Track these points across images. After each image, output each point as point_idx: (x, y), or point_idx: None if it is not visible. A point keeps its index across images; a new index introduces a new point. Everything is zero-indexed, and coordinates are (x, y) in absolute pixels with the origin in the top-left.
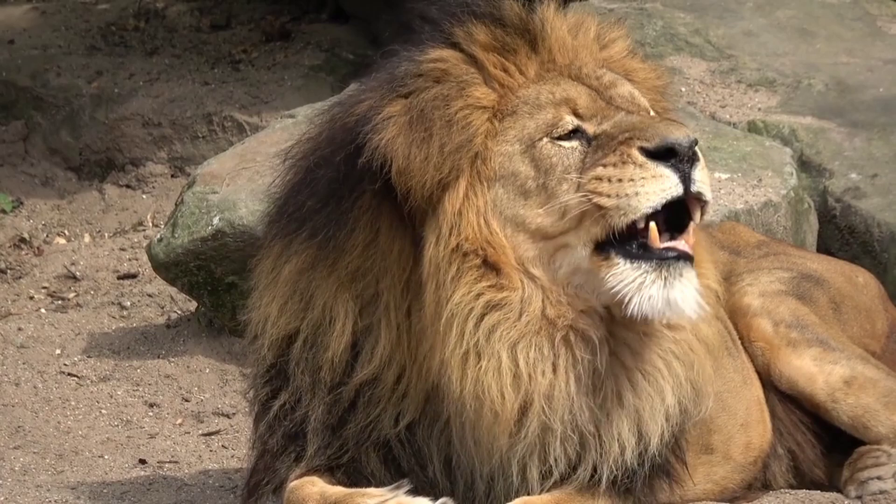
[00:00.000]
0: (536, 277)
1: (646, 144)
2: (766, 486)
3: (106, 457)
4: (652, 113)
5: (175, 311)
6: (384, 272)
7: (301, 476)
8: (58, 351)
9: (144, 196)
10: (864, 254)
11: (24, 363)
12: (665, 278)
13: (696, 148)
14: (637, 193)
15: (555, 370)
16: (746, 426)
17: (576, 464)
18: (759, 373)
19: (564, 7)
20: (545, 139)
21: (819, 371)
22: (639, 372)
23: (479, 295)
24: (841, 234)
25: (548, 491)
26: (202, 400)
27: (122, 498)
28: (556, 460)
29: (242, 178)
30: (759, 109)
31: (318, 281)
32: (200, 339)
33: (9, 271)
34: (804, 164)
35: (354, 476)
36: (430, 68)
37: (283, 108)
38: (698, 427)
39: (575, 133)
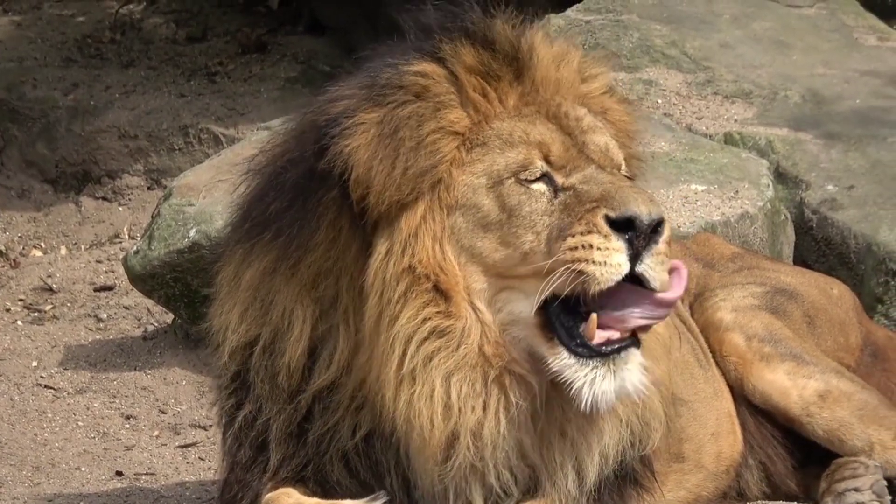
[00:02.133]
0: (480, 311)
1: (610, 213)
2: (741, 495)
3: (83, 469)
4: (623, 168)
5: (152, 324)
6: (344, 272)
7: (276, 488)
8: (34, 363)
9: (121, 208)
10: (840, 265)
11: (0, 375)
12: (615, 371)
13: (663, 228)
14: (605, 263)
15: (485, 409)
16: (717, 436)
17: (530, 487)
18: (732, 387)
19: (548, 24)
20: (512, 179)
21: (793, 385)
22: (581, 416)
23: (426, 319)
24: (818, 246)
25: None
26: (179, 412)
27: None
28: (501, 488)
29: (219, 191)
30: (736, 121)
31: (279, 284)
32: (177, 351)
33: None
34: (781, 176)
35: (324, 486)
36: (411, 82)
37: (260, 121)
38: (669, 436)
39: (543, 178)
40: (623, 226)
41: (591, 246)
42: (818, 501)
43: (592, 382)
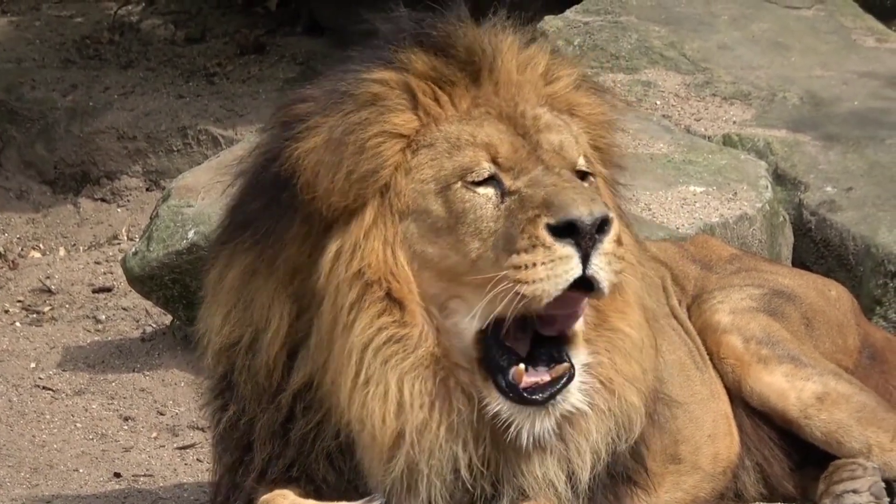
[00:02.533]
0: (434, 316)
1: (550, 221)
2: (738, 496)
3: (81, 470)
4: (581, 162)
5: (150, 325)
6: (315, 268)
7: (271, 489)
8: (33, 364)
9: (119, 209)
10: (839, 267)
11: None
12: (551, 412)
13: (609, 227)
14: (548, 278)
15: (431, 408)
16: (714, 438)
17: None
18: (729, 389)
19: (531, 26)
20: (459, 183)
21: (791, 387)
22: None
23: (381, 329)
24: (816, 248)
25: None
26: (177, 413)
27: None
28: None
29: (218, 192)
30: (734, 123)
31: (258, 283)
32: (175, 352)
33: None
34: (779, 178)
35: (312, 485)
36: (365, 89)
37: (258, 122)
38: (665, 438)
39: (490, 180)
40: (566, 231)
41: (534, 264)
42: (816, 503)
43: (532, 424)
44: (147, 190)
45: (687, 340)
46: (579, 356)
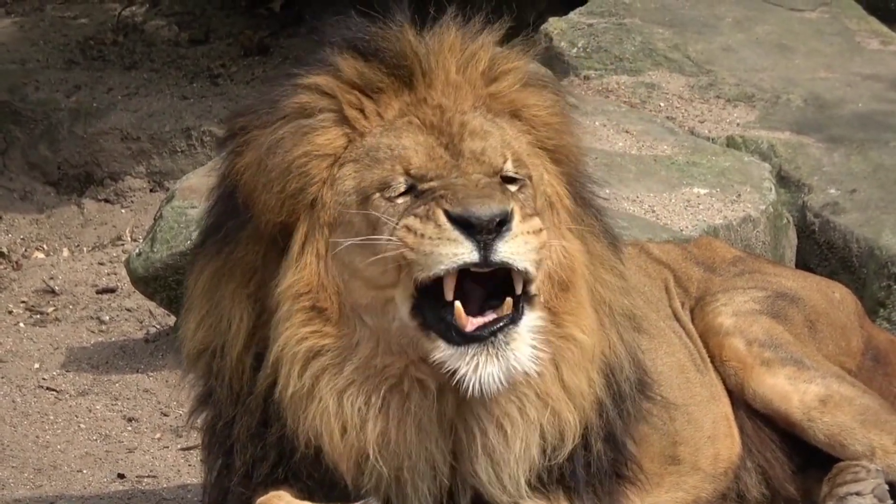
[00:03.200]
0: (369, 326)
1: (448, 208)
2: (741, 498)
3: (84, 471)
4: (508, 167)
5: (154, 326)
6: (266, 268)
7: (267, 491)
8: (36, 365)
9: (123, 210)
10: (842, 269)
11: (2, 377)
12: (497, 354)
13: (513, 221)
14: (432, 253)
15: (387, 419)
16: (714, 439)
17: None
18: (732, 392)
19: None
20: (377, 195)
21: (794, 390)
22: (489, 416)
23: (302, 339)
24: (820, 250)
25: None
26: (181, 414)
27: None
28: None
29: None
30: (738, 125)
31: (223, 286)
32: (179, 353)
33: None
34: (783, 180)
35: (299, 484)
36: (294, 99)
37: None
38: (664, 439)
39: (408, 193)
40: (464, 224)
41: (422, 235)
42: None
43: (476, 368)
44: (151, 191)
45: (687, 343)
46: (533, 312)
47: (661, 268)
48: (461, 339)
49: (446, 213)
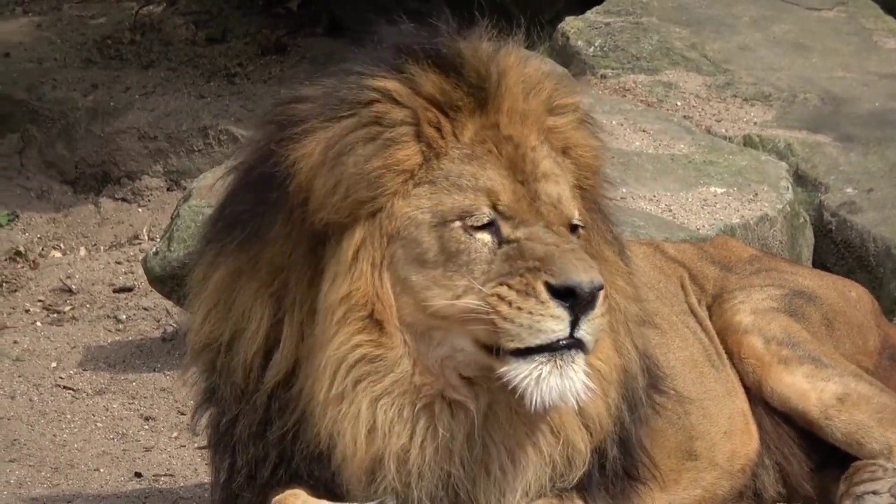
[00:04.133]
0: (409, 343)
1: (551, 280)
2: (757, 496)
3: (101, 470)
4: (576, 216)
5: (171, 325)
6: (293, 267)
7: (280, 491)
8: (53, 364)
9: (140, 209)
10: (859, 268)
11: (19, 376)
12: (561, 368)
13: (599, 293)
14: (531, 327)
15: (411, 435)
16: (730, 435)
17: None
18: (750, 390)
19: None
20: (458, 223)
21: (812, 388)
22: (504, 448)
23: (356, 346)
24: (837, 249)
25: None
26: (196, 415)
27: None
28: None
29: None
30: (755, 124)
31: (242, 284)
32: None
33: (4, 284)
34: (800, 179)
35: (300, 484)
36: (371, 100)
37: None
38: (679, 434)
39: (489, 226)
40: (564, 294)
41: (519, 308)
42: None
43: (538, 379)
44: (168, 190)
45: (702, 338)
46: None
47: (676, 266)
48: (528, 351)
49: (548, 285)
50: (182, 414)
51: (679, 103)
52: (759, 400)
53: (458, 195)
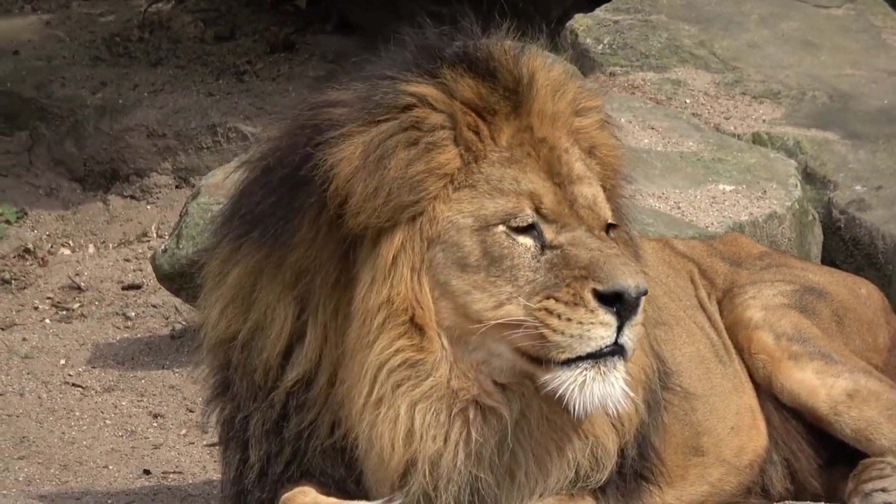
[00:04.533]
0: (446, 348)
1: (599, 287)
2: (765, 492)
3: (110, 467)
4: (610, 216)
5: (179, 322)
6: (319, 269)
7: (290, 487)
8: (62, 361)
9: (149, 207)
10: (868, 266)
11: (28, 373)
12: (604, 374)
13: (642, 299)
14: (581, 336)
15: (446, 440)
16: (737, 430)
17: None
18: (760, 385)
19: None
20: (501, 227)
21: (821, 384)
22: (532, 454)
23: (398, 351)
24: (845, 246)
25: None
26: (207, 410)
27: None
28: None
29: None
30: (764, 121)
31: (263, 283)
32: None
33: (13, 282)
34: (808, 176)
35: (311, 480)
36: (405, 104)
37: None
38: (686, 430)
39: (531, 229)
40: (612, 300)
41: (569, 319)
42: (845, 501)
43: (582, 386)
44: (177, 187)
45: (710, 333)
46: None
47: (685, 261)
48: (572, 360)
49: (595, 292)
50: (191, 411)
51: (688, 101)
52: (768, 396)
53: (500, 199)
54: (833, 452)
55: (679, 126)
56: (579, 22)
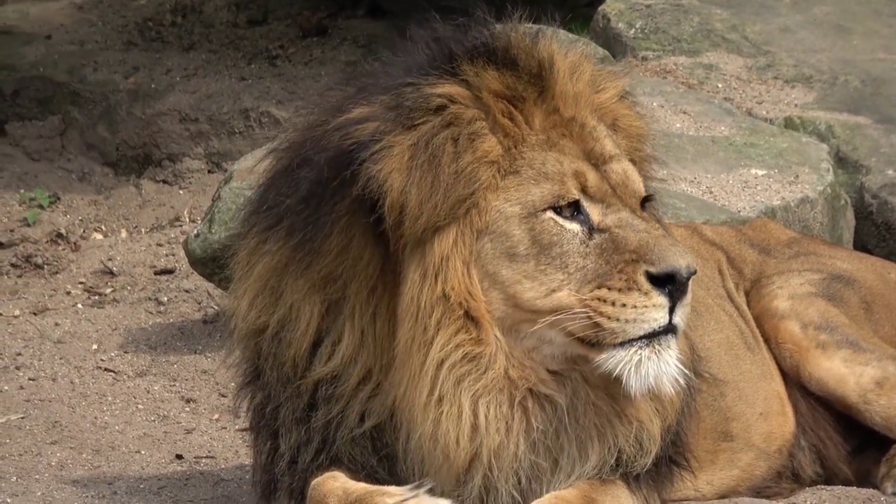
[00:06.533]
0: (499, 338)
1: (651, 269)
2: (795, 476)
3: (143, 452)
4: (643, 190)
5: (212, 307)
6: (352, 278)
7: (322, 472)
8: (94, 346)
9: (181, 191)
10: None
11: (60, 358)
12: (658, 353)
13: (691, 279)
14: (636, 320)
15: (508, 431)
16: (766, 416)
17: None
18: (787, 375)
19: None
20: (549, 212)
21: (850, 373)
22: (576, 439)
23: (458, 346)
24: (878, 231)
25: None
26: (238, 396)
27: (158, 493)
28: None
29: None
30: (796, 106)
31: (289, 280)
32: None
33: (46, 266)
34: (841, 161)
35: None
36: (438, 105)
37: None
38: (715, 415)
39: (578, 213)
40: (664, 281)
41: (623, 305)
42: (877, 486)
43: (638, 365)
44: (209, 172)
45: (738, 321)
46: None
47: (714, 249)
48: (627, 342)
49: (648, 274)
50: (223, 396)
51: (720, 85)
52: (796, 385)
53: (546, 184)
54: (862, 439)
55: (711, 110)
56: (611, 6)
